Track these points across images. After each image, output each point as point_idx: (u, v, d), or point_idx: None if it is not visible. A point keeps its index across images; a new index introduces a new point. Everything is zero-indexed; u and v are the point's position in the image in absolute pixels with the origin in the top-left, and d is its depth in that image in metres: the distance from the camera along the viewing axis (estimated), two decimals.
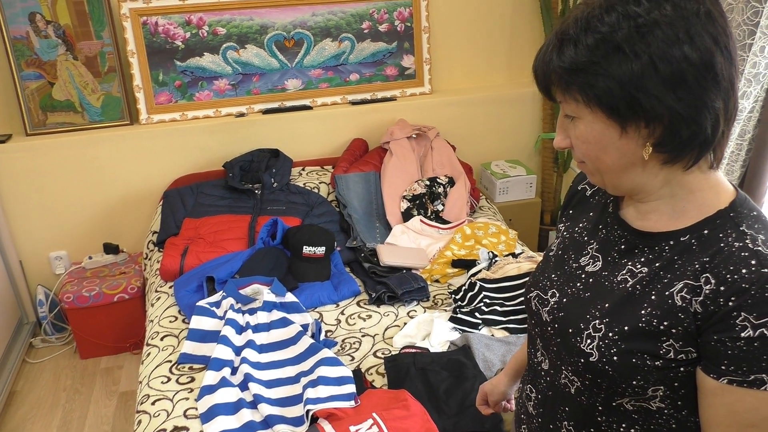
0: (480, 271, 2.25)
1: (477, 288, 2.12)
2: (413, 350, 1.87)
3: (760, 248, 0.80)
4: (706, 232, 0.85)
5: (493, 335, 1.98)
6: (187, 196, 2.72)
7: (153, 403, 1.77)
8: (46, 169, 2.78)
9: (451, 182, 2.80)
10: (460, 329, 1.98)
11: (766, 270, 0.78)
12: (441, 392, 1.72)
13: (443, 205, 2.72)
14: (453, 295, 2.16)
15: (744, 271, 0.79)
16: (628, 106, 0.81)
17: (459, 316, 2.03)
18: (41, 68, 2.70)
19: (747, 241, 0.81)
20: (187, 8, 2.78)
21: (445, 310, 2.13)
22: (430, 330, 1.98)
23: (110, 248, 2.93)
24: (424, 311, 2.14)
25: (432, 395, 1.72)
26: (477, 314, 2.04)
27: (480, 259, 2.33)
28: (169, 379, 1.86)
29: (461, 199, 2.74)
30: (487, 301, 2.09)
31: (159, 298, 2.28)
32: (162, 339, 2.05)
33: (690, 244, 0.86)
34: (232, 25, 2.85)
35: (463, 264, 2.35)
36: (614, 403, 0.91)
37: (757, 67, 1.92)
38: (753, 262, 0.79)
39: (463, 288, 2.16)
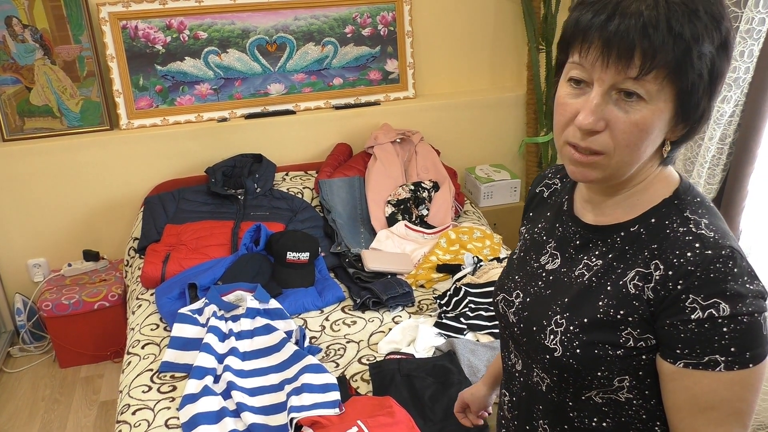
0: (465, 276, 2.24)
1: (462, 293, 2.11)
2: (398, 356, 1.86)
3: (703, 231, 0.82)
4: (653, 220, 0.87)
5: (478, 340, 1.97)
6: (169, 202, 2.69)
7: (134, 413, 1.74)
8: (24, 175, 2.74)
9: (436, 187, 2.80)
10: (445, 335, 1.97)
11: (709, 252, 0.80)
12: (426, 398, 1.71)
13: (428, 209, 2.71)
14: (438, 301, 2.15)
15: (689, 254, 0.81)
16: (696, 105, 0.81)
17: (444, 321, 2.02)
18: (18, 73, 2.66)
19: (691, 225, 0.84)
20: (168, 12, 2.75)
21: (430, 316, 2.12)
22: (415, 336, 1.97)
23: (90, 255, 2.88)
24: (409, 317, 2.13)
25: (417, 402, 1.70)
26: (462, 319, 2.03)
27: (465, 263, 2.32)
28: (150, 388, 1.83)
29: (446, 204, 2.73)
30: (473, 306, 2.09)
31: (140, 306, 2.25)
32: (143, 347, 2.02)
33: (639, 233, 0.88)
34: (214, 29, 2.82)
35: (448, 269, 2.34)
36: (583, 397, 0.92)
37: (737, 72, 1.94)
38: (697, 245, 0.81)
39: (448, 293, 2.15)
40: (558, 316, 0.92)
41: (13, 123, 2.71)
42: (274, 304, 2.07)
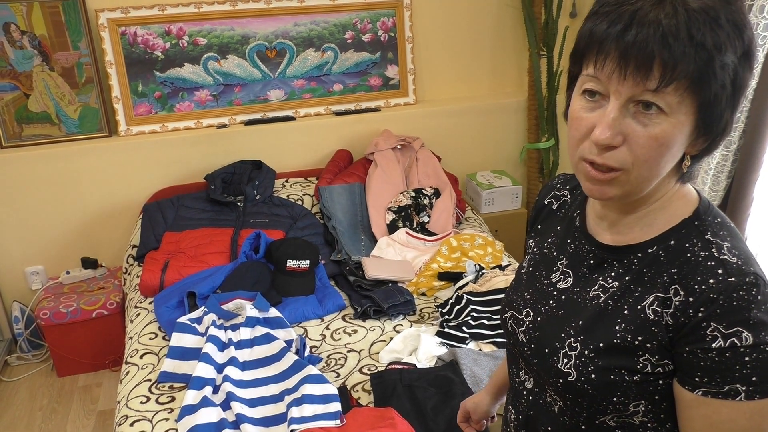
0: (467, 284, 2.22)
1: (464, 301, 2.09)
2: (400, 366, 1.84)
3: (726, 256, 0.79)
4: (672, 242, 0.84)
5: (480, 350, 1.95)
6: (168, 209, 2.67)
7: (131, 425, 1.71)
8: (22, 182, 2.72)
9: (437, 193, 2.78)
10: (447, 344, 1.95)
11: (732, 279, 0.77)
12: (428, 410, 1.68)
13: (429, 216, 2.69)
14: (440, 309, 2.13)
15: (711, 281, 0.78)
16: (719, 117, 0.77)
17: (446, 330, 2.00)
18: (16, 79, 2.64)
19: (713, 249, 0.80)
20: (167, 18, 2.73)
21: (432, 324, 2.10)
22: (417, 345, 1.94)
23: (88, 263, 2.86)
24: (411, 325, 2.11)
25: (419, 413, 1.68)
26: (464, 328, 2.00)
27: (467, 271, 2.30)
28: (148, 399, 1.81)
29: (447, 211, 2.71)
30: (475, 314, 2.06)
31: (139, 314, 2.23)
32: (141, 357, 2.00)
33: (657, 255, 0.84)
34: (213, 36, 2.81)
35: (450, 277, 2.32)
36: (597, 421, 0.89)
37: None
38: (720, 271, 0.78)
39: (450, 301, 2.13)
40: (572, 339, 0.89)
41: (12, 130, 2.69)
42: (274, 312, 2.05)
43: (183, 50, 2.79)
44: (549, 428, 0.97)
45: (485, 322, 2.04)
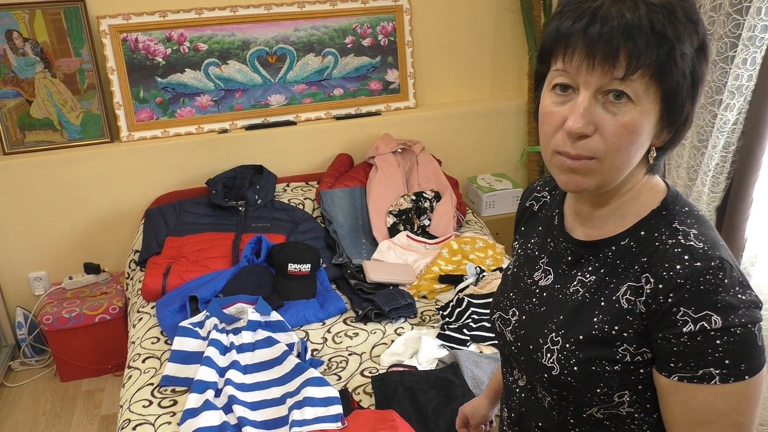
0: (468, 286, 2.23)
1: (465, 304, 2.09)
2: (401, 368, 1.84)
3: (692, 242, 0.81)
4: (642, 233, 0.87)
5: (481, 352, 1.95)
6: (170, 214, 2.68)
7: (134, 428, 1.72)
8: (25, 188, 2.73)
9: (438, 197, 2.79)
10: (448, 346, 1.96)
11: (698, 264, 0.79)
12: (429, 412, 1.69)
13: (430, 219, 2.70)
14: (441, 312, 2.13)
15: (678, 267, 0.80)
16: (681, 107, 0.81)
17: (447, 332, 2.00)
18: (19, 86, 2.66)
19: (679, 236, 0.83)
20: (168, 24, 2.75)
21: (433, 327, 2.10)
22: (418, 347, 1.95)
23: (91, 268, 2.87)
24: (412, 328, 2.11)
25: (420, 415, 1.68)
26: (465, 331, 2.01)
27: (467, 274, 2.30)
28: (151, 403, 1.81)
29: (448, 214, 2.72)
30: (476, 317, 2.07)
31: (141, 319, 2.24)
32: (144, 361, 2.01)
33: (629, 246, 0.87)
34: (214, 41, 2.82)
35: (451, 279, 2.32)
36: (585, 415, 0.91)
37: (740, 80, 1.93)
38: (686, 257, 0.80)
39: (451, 304, 2.13)
40: (553, 334, 0.91)
41: (14, 136, 2.71)
42: (275, 316, 2.06)
43: (184, 56, 2.80)
44: (540, 424, 0.98)
45: (486, 324, 2.05)
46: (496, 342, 1.98)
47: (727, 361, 0.77)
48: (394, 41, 3.06)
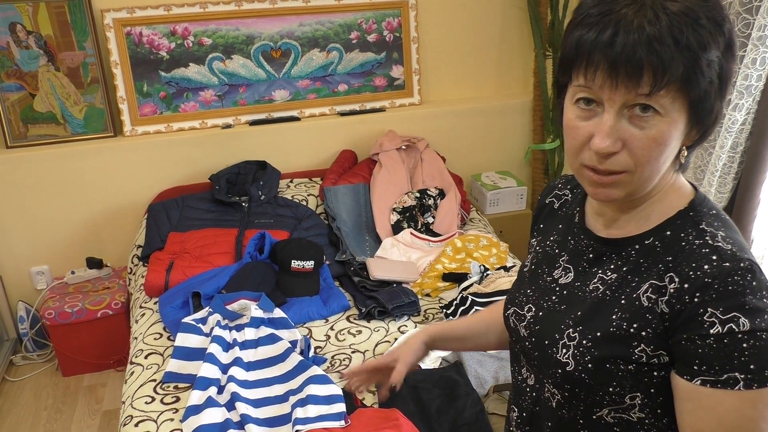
0: (471, 285, 2.22)
1: (468, 302, 2.08)
2: None
3: (720, 244, 0.80)
4: (668, 233, 0.85)
5: (485, 351, 1.94)
6: (173, 209, 2.67)
7: (136, 425, 1.71)
8: (27, 182, 2.72)
9: (442, 194, 2.77)
10: None
11: (727, 264, 0.77)
12: (433, 411, 1.68)
13: (433, 217, 2.69)
14: (444, 310, 2.12)
15: (706, 266, 0.78)
16: (710, 111, 0.80)
17: None
18: (22, 79, 2.64)
19: (707, 237, 0.82)
20: (172, 18, 2.73)
21: None
22: None
23: (93, 263, 2.86)
24: (415, 326, 2.10)
25: (424, 414, 1.68)
26: None
27: (471, 272, 2.29)
28: (153, 399, 1.81)
29: (452, 212, 2.71)
30: None
31: (143, 314, 2.23)
32: (146, 357, 2.00)
33: (654, 245, 0.86)
34: (218, 36, 2.81)
35: (454, 278, 2.31)
36: (594, 416, 0.90)
37: (749, 80, 1.91)
38: (714, 257, 0.79)
39: (455, 302, 2.12)
40: (570, 330, 0.90)
41: (17, 130, 2.70)
42: (278, 313, 2.05)
43: (188, 50, 2.79)
44: (549, 424, 0.97)
45: None
46: (508, 341, 1.98)
47: (752, 366, 0.75)
48: (400, 37, 3.04)
